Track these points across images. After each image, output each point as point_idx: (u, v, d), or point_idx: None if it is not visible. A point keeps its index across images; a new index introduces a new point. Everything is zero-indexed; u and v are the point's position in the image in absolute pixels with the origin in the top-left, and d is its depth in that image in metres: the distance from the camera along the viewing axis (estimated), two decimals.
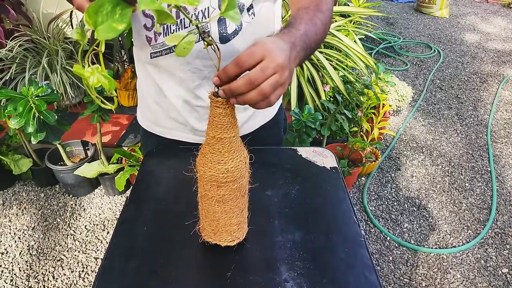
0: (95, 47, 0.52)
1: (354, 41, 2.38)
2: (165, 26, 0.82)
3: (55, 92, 1.64)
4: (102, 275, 0.67)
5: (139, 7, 0.43)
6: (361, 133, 2.33)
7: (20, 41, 2.13)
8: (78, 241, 1.87)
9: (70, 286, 1.67)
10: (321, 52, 2.18)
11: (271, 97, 0.55)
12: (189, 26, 0.78)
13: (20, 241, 1.87)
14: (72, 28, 2.32)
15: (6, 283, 1.67)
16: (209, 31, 0.79)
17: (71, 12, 2.26)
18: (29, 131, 1.53)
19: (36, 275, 1.71)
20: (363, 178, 2.32)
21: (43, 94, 1.57)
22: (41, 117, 1.56)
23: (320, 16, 0.71)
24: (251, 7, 0.81)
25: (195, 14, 0.77)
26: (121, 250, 0.72)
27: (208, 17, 0.78)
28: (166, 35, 0.82)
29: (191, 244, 0.73)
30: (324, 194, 0.86)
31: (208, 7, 0.76)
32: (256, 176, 0.74)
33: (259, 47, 0.54)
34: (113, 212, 2.03)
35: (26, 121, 1.52)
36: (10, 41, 2.12)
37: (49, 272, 1.72)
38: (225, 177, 0.62)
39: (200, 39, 0.55)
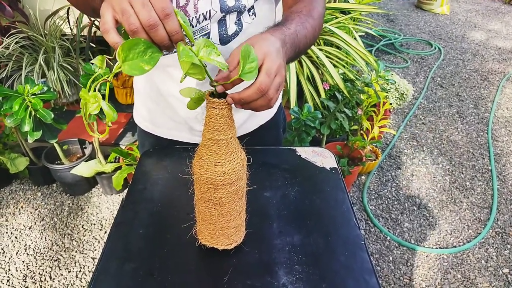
0: (105, 78, 0.53)
1: (354, 38, 2.36)
2: None
3: (51, 89, 1.62)
4: (97, 278, 0.66)
5: (180, 57, 0.49)
6: (361, 131, 2.31)
7: (16, 38, 2.11)
8: (75, 240, 1.86)
9: (67, 286, 1.66)
10: (320, 50, 2.16)
11: (273, 100, 0.58)
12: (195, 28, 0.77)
13: (17, 241, 1.85)
14: (69, 24, 2.30)
15: (3, 283, 1.66)
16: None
17: (68, 8, 2.24)
18: (25, 130, 1.52)
19: (33, 275, 1.69)
20: (363, 177, 2.30)
21: (39, 92, 1.56)
22: (38, 115, 1.54)
23: (311, 21, 0.73)
24: (252, 7, 0.80)
25: (195, 17, 0.75)
26: (116, 252, 0.71)
27: (209, 19, 0.76)
28: None
29: (188, 247, 0.71)
30: (324, 196, 0.84)
31: (210, 10, 0.75)
32: (254, 178, 0.72)
33: (259, 52, 0.56)
34: (110, 211, 2.01)
35: (22, 119, 1.51)
36: (6, 38, 2.10)
37: (46, 272, 1.71)
38: (222, 179, 0.60)
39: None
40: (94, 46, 2.33)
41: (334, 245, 0.72)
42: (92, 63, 1.68)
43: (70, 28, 2.33)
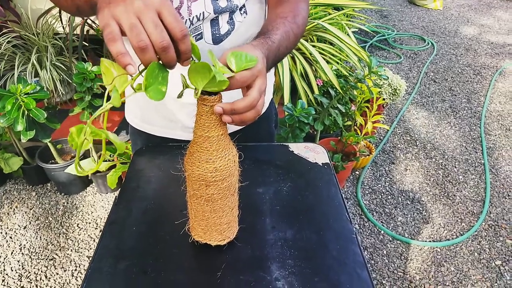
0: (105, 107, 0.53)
1: (347, 34, 2.37)
2: None
3: (44, 89, 1.62)
4: (90, 277, 0.66)
5: (217, 78, 0.50)
6: (355, 127, 2.32)
7: (8, 37, 2.10)
8: (71, 239, 1.85)
9: (63, 285, 1.66)
10: (314, 46, 2.16)
11: (259, 115, 0.60)
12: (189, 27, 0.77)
13: (12, 241, 1.85)
14: (62, 23, 2.28)
15: None
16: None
17: None
18: (19, 130, 1.51)
19: (28, 275, 1.69)
20: (357, 172, 2.32)
21: (32, 91, 1.55)
22: (31, 115, 1.53)
23: (295, 29, 0.74)
24: (243, 6, 0.80)
25: (189, 19, 0.75)
26: (110, 251, 0.71)
27: (203, 20, 0.76)
28: None
29: (181, 243, 0.71)
30: (316, 191, 0.85)
31: (203, 12, 0.76)
32: (247, 174, 0.73)
33: (255, 70, 0.57)
34: (105, 210, 2.01)
35: (15, 119, 1.50)
36: None
37: (41, 271, 1.71)
38: (213, 176, 0.61)
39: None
40: (87, 44, 2.33)
41: (326, 239, 0.73)
42: (85, 62, 1.67)
43: (63, 27, 2.31)
